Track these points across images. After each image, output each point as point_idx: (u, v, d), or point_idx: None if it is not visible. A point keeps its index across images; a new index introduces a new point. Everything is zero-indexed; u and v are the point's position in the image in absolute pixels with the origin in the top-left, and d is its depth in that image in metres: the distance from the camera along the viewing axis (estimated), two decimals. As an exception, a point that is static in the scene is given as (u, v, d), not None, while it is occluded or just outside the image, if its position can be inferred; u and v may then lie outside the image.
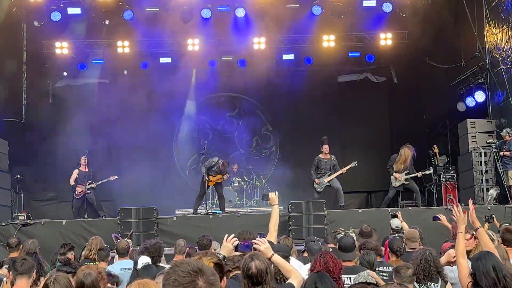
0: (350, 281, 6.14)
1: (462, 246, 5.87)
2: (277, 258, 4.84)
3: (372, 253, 7.32)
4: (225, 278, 4.69)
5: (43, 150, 19.44)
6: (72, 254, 8.94)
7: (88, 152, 17.21)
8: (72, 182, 17.05)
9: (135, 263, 6.99)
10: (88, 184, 16.88)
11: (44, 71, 20.45)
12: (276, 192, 6.61)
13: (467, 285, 5.00)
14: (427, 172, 16.46)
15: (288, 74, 21.32)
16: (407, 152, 15.85)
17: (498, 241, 7.75)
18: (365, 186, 21.68)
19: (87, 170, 17.10)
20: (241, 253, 4.75)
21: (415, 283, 6.00)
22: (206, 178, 15.77)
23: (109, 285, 6.07)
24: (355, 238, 8.47)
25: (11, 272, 5.96)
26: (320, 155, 16.02)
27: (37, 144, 19.07)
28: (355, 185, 20.65)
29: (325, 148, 16.01)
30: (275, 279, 5.12)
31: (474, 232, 6.73)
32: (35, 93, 19.38)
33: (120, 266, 8.20)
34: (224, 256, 4.62)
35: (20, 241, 9.85)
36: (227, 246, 4.72)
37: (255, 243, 4.78)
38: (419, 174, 16.03)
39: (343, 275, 6.06)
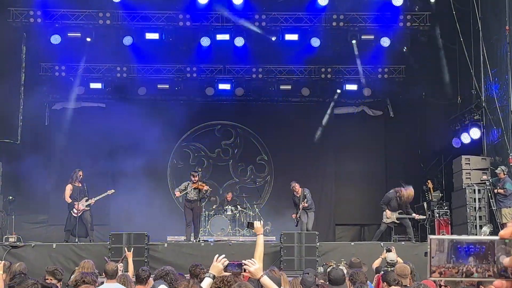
0: None
1: None
2: (266, 280, 4.84)
3: (365, 286, 7.20)
4: None
5: (37, 173, 19.33)
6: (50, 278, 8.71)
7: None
8: (68, 200, 15.84)
9: None
10: (86, 201, 15.85)
11: (41, 93, 20.49)
12: (262, 221, 6.57)
13: None
14: (422, 217, 16.26)
15: (285, 104, 21.43)
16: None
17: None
18: (359, 219, 21.59)
19: (80, 185, 16.04)
20: (231, 272, 4.76)
21: None
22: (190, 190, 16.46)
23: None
24: (345, 271, 8.37)
25: None
26: (294, 193, 16.58)
27: (31, 166, 19.00)
28: (348, 218, 20.62)
29: (292, 187, 16.57)
30: None
31: None
32: (32, 115, 19.39)
33: (108, 289, 8.09)
34: (214, 275, 4.65)
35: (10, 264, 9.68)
36: (217, 266, 4.75)
37: (245, 264, 4.77)
38: (416, 216, 15.92)
39: None
